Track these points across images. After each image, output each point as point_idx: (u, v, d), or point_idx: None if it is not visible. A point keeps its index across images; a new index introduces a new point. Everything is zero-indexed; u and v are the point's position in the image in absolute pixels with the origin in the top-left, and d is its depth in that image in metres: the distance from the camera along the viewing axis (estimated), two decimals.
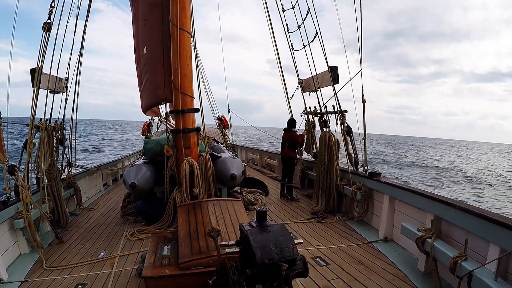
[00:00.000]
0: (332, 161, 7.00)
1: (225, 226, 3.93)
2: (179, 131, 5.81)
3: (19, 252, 5.04)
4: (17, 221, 4.88)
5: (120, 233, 5.96)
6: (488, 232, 3.42)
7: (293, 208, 7.55)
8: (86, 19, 7.69)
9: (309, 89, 8.35)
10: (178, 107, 5.80)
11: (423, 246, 4.10)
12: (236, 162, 6.55)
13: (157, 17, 6.34)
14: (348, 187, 6.60)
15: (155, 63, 6.48)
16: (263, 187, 9.02)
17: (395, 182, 5.84)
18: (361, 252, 5.01)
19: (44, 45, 5.91)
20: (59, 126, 6.68)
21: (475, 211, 3.62)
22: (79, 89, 7.40)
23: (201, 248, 3.48)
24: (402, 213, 5.30)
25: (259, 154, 14.53)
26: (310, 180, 8.89)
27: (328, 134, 7.18)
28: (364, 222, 6.32)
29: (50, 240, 5.64)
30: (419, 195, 4.72)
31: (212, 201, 4.68)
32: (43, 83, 6.12)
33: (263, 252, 2.30)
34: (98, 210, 7.64)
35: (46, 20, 5.97)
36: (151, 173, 6.22)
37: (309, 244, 5.32)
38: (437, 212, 4.23)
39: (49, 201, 5.94)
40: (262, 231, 2.47)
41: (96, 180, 9.72)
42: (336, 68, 7.27)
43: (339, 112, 7.03)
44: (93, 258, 4.91)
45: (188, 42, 5.89)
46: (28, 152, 5.45)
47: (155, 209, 6.21)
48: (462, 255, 3.49)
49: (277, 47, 9.05)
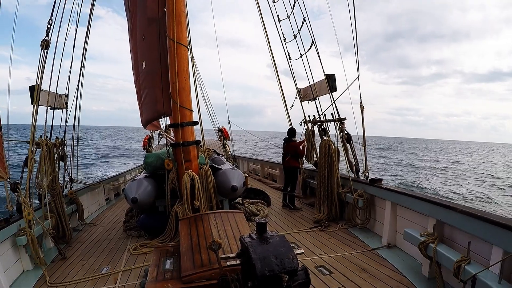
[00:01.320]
0: (333, 169, 7.01)
1: (226, 238, 3.93)
2: (179, 144, 5.84)
3: (23, 269, 5.04)
4: (20, 238, 4.89)
5: (123, 248, 5.95)
6: (491, 235, 3.41)
7: (295, 217, 7.54)
8: (86, 35, 7.77)
9: (307, 98, 8.39)
10: (177, 120, 5.83)
11: (426, 251, 4.09)
12: (237, 174, 6.56)
13: (155, 31, 6.41)
14: (350, 194, 6.60)
15: (154, 77, 6.54)
16: (265, 197, 9.00)
17: (396, 188, 5.84)
18: (365, 259, 4.99)
19: (43, 62, 5.97)
20: (60, 142, 6.71)
21: (477, 214, 3.61)
22: (81, 102, 7.47)
23: (203, 261, 3.47)
24: (405, 218, 5.29)
25: (260, 164, 14.52)
26: (312, 189, 8.88)
27: (328, 142, 7.21)
28: (367, 229, 6.30)
29: (53, 257, 5.64)
30: (420, 200, 4.71)
31: (213, 213, 4.68)
32: (42, 100, 6.17)
33: (263, 264, 2.30)
34: (100, 225, 7.63)
35: (44, 37, 6.03)
36: (152, 187, 6.23)
37: (312, 253, 5.30)
38: (439, 216, 4.23)
39: (51, 217, 5.95)
40: (262, 242, 2.47)
41: (98, 195, 9.72)
42: (333, 76, 7.32)
43: (338, 120, 7.06)
44: (97, 273, 4.90)
45: (185, 55, 5.96)
46: (29, 169, 5.47)
47: (157, 223, 6.21)
48: (466, 258, 3.48)
49: (274, 58, 9.14)
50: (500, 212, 18.15)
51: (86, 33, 7.85)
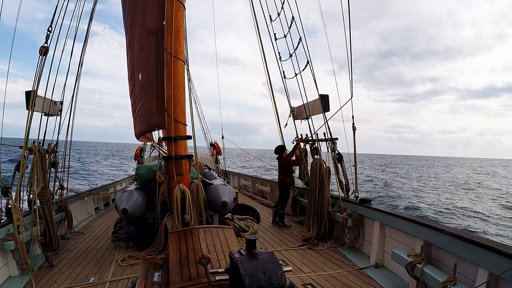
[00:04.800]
0: (324, 188, 7.05)
1: (215, 253, 3.94)
2: (171, 158, 5.86)
3: (9, 275, 4.99)
4: (8, 243, 4.86)
5: (111, 258, 5.90)
6: (477, 257, 3.48)
7: (284, 235, 7.54)
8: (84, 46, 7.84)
9: (300, 116, 8.50)
10: (170, 134, 5.88)
11: (413, 271, 4.14)
12: (228, 189, 6.58)
13: (153, 44, 6.51)
14: (339, 213, 6.63)
15: (149, 90, 6.60)
16: (254, 213, 8.99)
17: (386, 209, 5.90)
18: (353, 278, 5.01)
19: (40, 68, 6.02)
20: (52, 149, 6.70)
21: (464, 236, 3.69)
22: (75, 111, 7.49)
23: (192, 275, 3.47)
24: (393, 239, 5.34)
25: (251, 181, 14.54)
26: (302, 207, 8.90)
27: (319, 161, 7.28)
28: (355, 249, 6.33)
29: (40, 264, 5.58)
30: (409, 221, 4.78)
31: (203, 228, 4.69)
32: (37, 106, 6.20)
33: (252, 280, 2.33)
34: (89, 235, 7.56)
35: (43, 44, 6.10)
36: (143, 199, 6.22)
37: (300, 271, 5.30)
38: (427, 238, 4.29)
39: (40, 224, 5.90)
40: (251, 259, 2.51)
41: (87, 204, 9.65)
42: (327, 96, 7.44)
43: (330, 139, 7.15)
44: (83, 283, 4.85)
45: (181, 69, 6.04)
46: (21, 174, 5.47)
47: (146, 235, 6.17)
48: (452, 279, 3.54)
49: (269, 76, 9.20)
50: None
51: (86, 34, 7.93)
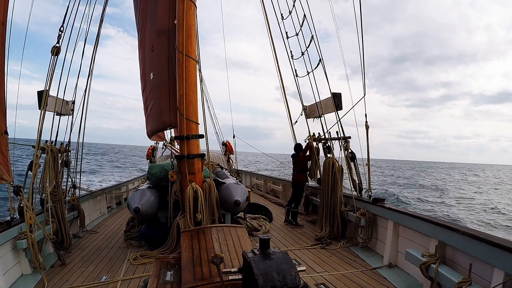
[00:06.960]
0: (336, 187, 6.98)
1: (228, 252, 3.92)
2: (184, 157, 5.86)
3: (21, 273, 5.03)
4: (20, 242, 4.90)
5: (123, 257, 5.93)
6: (492, 257, 3.40)
7: (297, 234, 7.49)
8: (95, 44, 7.90)
9: (313, 115, 8.44)
10: (182, 133, 5.88)
11: (427, 271, 4.06)
12: (240, 188, 6.56)
13: (164, 43, 6.51)
14: (352, 213, 6.56)
15: (161, 89, 6.60)
16: (267, 213, 8.96)
17: (399, 208, 5.81)
18: (366, 278, 4.95)
19: (52, 68, 6.07)
20: (65, 148, 6.76)
21: (479, 236, 3.60)
22: (87, 112, 7.56)
23: (204, 275, 3.46)
24: (407, 238, 5.25)
25: (263, 180, 14.50)
26: (314, 206, 8.85)
27: (332, 160, 7.20)
28: (368, 248, 6.25)
29: (52, 262, 5.63)
30: (423, 221, 4.69)
31: (215, 227, 4.67)
32: (50, 106, 6.25)
33: (266, 280, 2.30)
34: (101, 233, 7.62)
35: (55, 44, 6.16)
36: (155, 198, 6.23)
37: (313, 270, 5.26)
38: (441, 237, 4.20)
39: (52, 223, 5.95)
40: (264, 258, 2.47)
41: (100, 203, 9.72)
42: (339, 94, 7.37)
43: (342, 138, 7.08)
44: (95, 281, 4.88)
45: (193, 68, 6.03)
46: (33, 173, 5.52)
47: (159, 234, 6.19)
48: (467, 280, 3.46)
49: (281, 74, 9.23)
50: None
51: (98, 33, 7.99)
